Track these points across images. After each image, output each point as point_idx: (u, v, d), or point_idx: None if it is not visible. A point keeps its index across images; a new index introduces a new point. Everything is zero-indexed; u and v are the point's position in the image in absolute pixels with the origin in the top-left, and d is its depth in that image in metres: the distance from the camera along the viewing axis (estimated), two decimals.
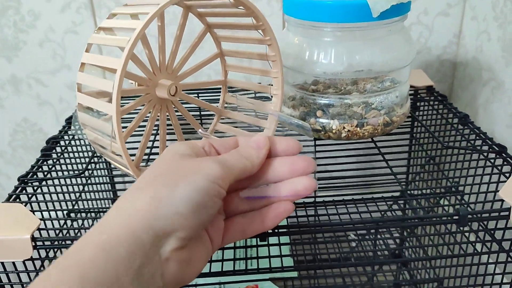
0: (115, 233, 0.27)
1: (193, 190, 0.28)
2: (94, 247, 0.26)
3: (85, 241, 0.27)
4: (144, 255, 0.27)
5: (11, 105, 0.75)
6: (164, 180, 0.29)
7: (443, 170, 0.52)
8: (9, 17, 0.69)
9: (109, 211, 0.29)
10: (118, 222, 0.27)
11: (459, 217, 0.40)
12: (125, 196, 0.30)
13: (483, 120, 0.67)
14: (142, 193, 0.29)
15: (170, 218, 0.28)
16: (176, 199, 0.28)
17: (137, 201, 0.28)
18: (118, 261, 0.26)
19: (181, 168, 0.30)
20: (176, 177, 0.29)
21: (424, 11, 0.72)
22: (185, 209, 0.28)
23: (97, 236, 0.27)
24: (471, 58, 0.71)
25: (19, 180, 0.47)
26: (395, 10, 0.46)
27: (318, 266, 0.43)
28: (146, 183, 0.30)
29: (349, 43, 0.48)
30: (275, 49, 0.45)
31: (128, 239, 0.26)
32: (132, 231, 0.27)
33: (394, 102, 0.51)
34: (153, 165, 0.32)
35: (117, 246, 0.26)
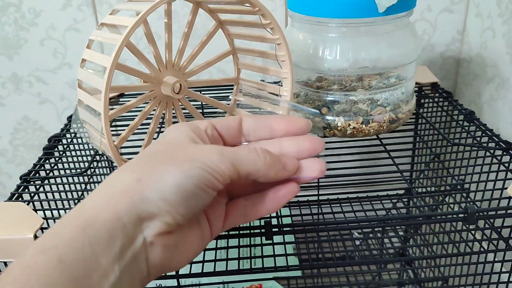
0: (96, 213, 0.25)
1: (184, 177, 0.27)
2: (74, 228, 0.25)
3: (65, 222, 0.26)
4: (126, 237, 0.25)
5: (12, 103, 0.74)
6: (155, 162, 0.28)
7: (448, 168, 0.52)
8: (9, 15, 0.68)
9: (95, 190, 0.27)
10: (100, 202, 0.26)
11: (467, 215, 0.40)
12: (113, 175, 0.28)
13: (488, 117, 0.66)
14: (129, 174, 0.27)
15: (156, 203, 0.26)
16: (163, 185, 0.26)
17: (122, 181, 0.27)
18: (97, 242, 0.24)
19: (177, 152, 0.28)
20: (169, 161, 0.27)
21: (428, 8, 0.72)
22: (173, 196, 0.26)
23: (77, 216, 0.26)
24: (475, 55, 0.70)
25: (21, 179, 0.47)
26: (401, 5, 0.45)
27: (322, 265, 0.43)
28: (136, 164, 0.28)
29: (355, 39, 0.48)
30: (284, 48, 0.44)
31: (109, 219, 0.25)
32: (114, 211, 0.25)
33: (400, 99, 0.50)
34: (151, 146, 0.30)
35: (97, 226, 0.25)
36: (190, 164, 0.27)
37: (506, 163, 0.48)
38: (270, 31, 0.44)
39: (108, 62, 0.35)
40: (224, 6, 0.44)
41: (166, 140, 0.30)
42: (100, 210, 0.25)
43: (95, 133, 0.40)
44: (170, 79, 0.42)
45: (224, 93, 0.66)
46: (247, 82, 0.50)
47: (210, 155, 0.28)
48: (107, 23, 0.41)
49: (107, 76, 0.35)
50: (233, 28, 0.48)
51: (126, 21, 0.36)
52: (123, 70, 0.39)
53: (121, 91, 0.42)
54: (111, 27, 0.42)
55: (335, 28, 0.47)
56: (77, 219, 0.25)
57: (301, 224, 0.40)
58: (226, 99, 0.51)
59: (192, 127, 0.31)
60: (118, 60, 0.36)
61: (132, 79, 0.73)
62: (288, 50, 0.44)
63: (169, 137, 0.30)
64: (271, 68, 0.48)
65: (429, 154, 0.56)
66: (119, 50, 0.35)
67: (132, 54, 0.39)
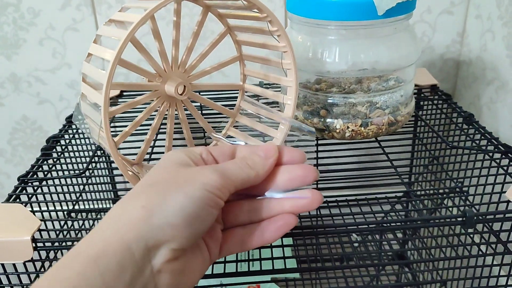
0: (106, 244, 0.26)
1: (186, 199, 0.27)
2: (84, 259, 0.25)
3: (75, 252, 0.26)
4: (136, 267, 0.26)
5: (10, 103, 0.74)
6: (158, 188, 0.28)
7: (447, 171, 0.52)
8: (8, 15, 0.68)
9: (101, 221, 0.28)
10: (109, 232, 0.26)
11: (466, 219, 0.40)
12: (118, 205, 0.29)
13: (487, 120, 0.66)
14: (134, 202, 0.28)
15: (162, 228, 0.27)
16: (168, 209, 0.27)
17: (128, 210, 0.27)
18: (108, 273, 0.25)
19: (176, 177, 0.29)
20: (170, 186, 0.28)
21: (428, 9, 0.71)
22: (178, 219, 0.27)
23: (88, 247, 0.26)
24: (475, 57, 0.70)
25: (19, 180, 0.47)
26: (401, 8, 0.45)
27: (320, 267, 0.43)
28: (139, 192, 0.29)
29: (354, 41, 0.48)
30: (290, 56, 0.43)
31: (119, 251, 0.26)
32: (123, 242, 0.26)
33: (399, 101, 0.50)
34: (149, 173, 0.31)
35: (107, 258, 0.25)
36: (191, 186, 0.28)
37: (504, 166, 0.48)
38: (277, 39, 0.43)
39: (112, 56, 0.35)
40: (233, 12, 0.44)
41: (163, 166, 0.31)
42: (109, 241, 0.26)
43: (96, 127, 0.39)
44: (175, 79, 0.41)
45: (226, 95, 0.65)
46: (251, 88, 0.50)
47: (206, 174, 0.29)
48: (115, 19, 0.41)
49: (110, 69, 0.34)
50: (241, 34, 0.48)
51: (133, 17, 0.36)
52: (128, 67, 0.39)
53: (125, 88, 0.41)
54: (119, 24, 0.41)
55: (335, 31, 0.47)
56: (88, 251, 0.26)
57: (300, 228, 0.40)
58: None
59: (187, 152, 0.32)
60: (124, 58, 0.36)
61: (132, 80, 0.73)
62: (294, 58, 0.43)
63: (165, 163, 0.31)
64: (276, 75, 0.47)
65: (428, 157, 0.55)
66: (123, 45, 0.35)
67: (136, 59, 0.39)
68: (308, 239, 0.68)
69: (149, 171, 0.31)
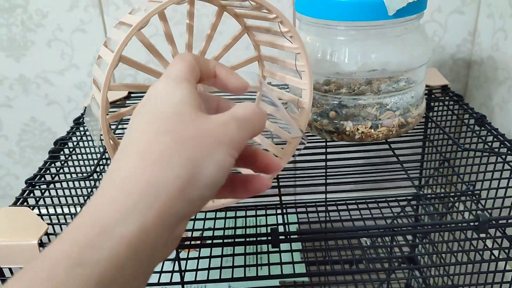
0: (142, 222, 0.22)
1: (218, 170, 0.24)
2: (117, 240, 0.21)
3: (102, 227, 0.22)
4: (164, 240, 0.23)
5: (19, 105, 0.74)
6: (187, 151, 0.24)
7: (458, 174, 0.51)
8: (16, 16, 0.68)
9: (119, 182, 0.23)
10: (145, 208, 0.22)
11: (479, 224, 0.39)
12: (137, 166, 0.23)
13: (499, 120, 0.65)
14: (166, 169, 0.23)
15: (194, 201, 0.24)
16: (202, 182, 0.24)
17: (162, 181, 0.23)
18: (142, 253, 0.22)
19: (201, 132, 0.25)
20: (200, 148, 0.24)
21: (438, 9, 0.70)
22: (210, 192, 0.24)
23: (119, 224, 0.22)
24: (487, 56, 0.69)
25: (26, 183, 0.47)
26: (412, 8, 0.45)
27: (330, 271, 0.42)
28: (163, 150, 0.24)
29: (364, 42, 0.47)
30: (304, 58, 0.42)
31: (154, 229, 0.22)
32: (160, 218, 0.22)
33: (410, 103, 0.49)
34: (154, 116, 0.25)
35: (143, 238, 0.22)
36: (220, 151, 0.25)
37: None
38: (290, 39, 0.41)
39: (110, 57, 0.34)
40: (248, 12, 0.43)
41: (172, 107, 0.25)
42: (145, 218, 0.22)
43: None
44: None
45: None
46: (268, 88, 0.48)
47: (233, 134, 0.25)
48: (125, 22, 0.40)
49: (109, 67, 0.34)
50: (258, 35, 0.47)
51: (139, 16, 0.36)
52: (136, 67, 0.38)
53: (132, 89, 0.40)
54: (128, 26, 0.41)
55: (344, 31, 0.47)
56: (121, 230, 0.22)
57: (308, 232, 0.39)
58: None
59: (188, 85, 0.26)
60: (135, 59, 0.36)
61: (140, 82, 0.73)
62: (307, 60, 0.42)
63: (174, 101, 0.26)
64: (292, 77, 0.45)
65: (438, 159, 0.55)
66: (124, 41, 0.34)
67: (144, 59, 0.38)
68: (317, 240, 0.67)
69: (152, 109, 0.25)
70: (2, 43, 0.70)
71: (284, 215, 0.44)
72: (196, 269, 0.44)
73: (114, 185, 0.23)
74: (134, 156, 0.24)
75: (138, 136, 0.25)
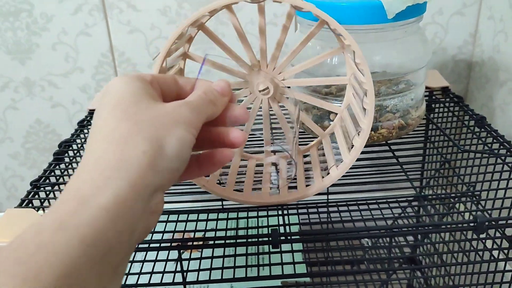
0: (117, 192, 0.24)
1: (180, 144, 0.27)
2: (95, 209, 0.24)
3: (80, 197, 0.24)
4: (141, 212, 0.26)
5: (24, 107, 0.75)
6: (149, 130, 0.27)
7: (458, 175, 0.51)
8: (22, 20, 0.69)
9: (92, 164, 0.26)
10: (119, 181, 0.25)
11: (477, 224, 0.39)
12: (105, 148, 0.26)
13: (500, 122, 0.65)
14: (132, 146, 0.26)
15: (163, 173, 0.27)
16: (167, 155, 0.27)
17: (130, 156, 0.26)
18: (121, 222, 0.24)
19: (158, 115, 0.28)
20: (159, 128, 0.27)
21: (439, 11, 0.71)
22: (176, 164, 0.27)
23: (96, 195, 0.24)
24: (488, 58, 0.69)
25: (31, 185, 0.47)
26: (411, 11, 0.45)
27: (331, 272, 0.42)
28: (125, 132, 0.26)
29: (364, 45, 0.47)
30: (370, 96, 0.39)
31: (130, 199, 0.25)
32: (134, 189, 0.25)
33: (410, 105, 0.50)
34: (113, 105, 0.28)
35: (120, 207, 0.24)
36: (178, 128, 0.28)
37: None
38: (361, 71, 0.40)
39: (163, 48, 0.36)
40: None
41: (128, 95, 0.28)
42: (120, 189, 0.25)
43: None
44: (260, 77, 0.41)
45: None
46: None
47: (186, 114, 0.29)
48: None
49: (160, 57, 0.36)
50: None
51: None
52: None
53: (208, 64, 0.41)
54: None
55: None
56: (98, 199, 0.24)
57: (310, 233, 0.40)
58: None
59: (142, 81, 0.30)
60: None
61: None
62: (373, 99, 0.39)
63: (129, 91, 0.28)
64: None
65: (439, 160, 0.55)
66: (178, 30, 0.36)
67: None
68: (318, 242, 0.67)
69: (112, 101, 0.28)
70: (7, 46, 0.71)
71: (286, 216, 0.45)
72: (198, 270, 0.44)
73: (88, 166, 0.26)
74: (102, 141, 0.27)
75: (103, 124, 0.27)
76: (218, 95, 0.33)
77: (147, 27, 0.70)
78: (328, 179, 0.42)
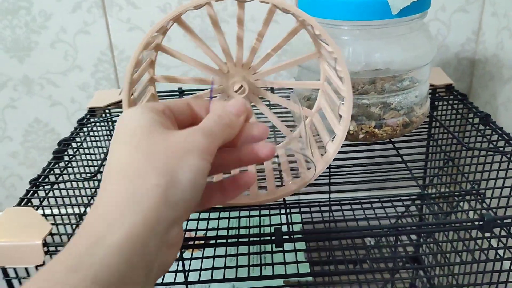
0: (129, 229, 0.24)
1: (193, 173, 0.27)
2: (108, 247, 0.23)
3: (92, 237, 0.24)
4: (158, 247, 0.25)
5: (23, 106, 0.74)
6: (160, 161, 0.26)
7: (463, 173, 0.51)
8: (20, 18, 0.68)
9: (105, 203, 0.25)
10: (131, 218, 0.24)
11: (484, 223, 0.39)
12: (123, 183, 0.26)
13: (504, 120, 0.65)
14: (144, 180, 0.26)
15: (178, 205, 0.26)
16: (181, 185, 0.26)
17: (142, 190, 0.25)
18: (134, 259, 0.24)
19: (170, 145, 0.27)
20: (171, 158, 0.26)
21: (442, 8, 0.70)
22: (190, 194, 0.27)
23: (109, 232, 0.24)
24: (491, 55, 0.68)
25: (30, 183, 0.47)
26: (415, 7, 0.44)
27: (334, 271, 0.42)
28: (137, 167, 0.26)
29: (368, 41, 0.47)
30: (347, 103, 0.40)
31: (143, 235, 0.24)
32: (147, 225, 0.24)
33: (414, 102, 0.49)
34: (126, 140, 0.27)
35: (133, 244, 0.24)
36: (191, 156, 0.27)
37: None
38: (326, 42, 0.39)
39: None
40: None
41: (142, 130, 0.28)
42: (133, 226, 0.24)
43: None
44: (235, 76, 0.40)
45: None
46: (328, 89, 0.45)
47: (199, 140, 0.28)
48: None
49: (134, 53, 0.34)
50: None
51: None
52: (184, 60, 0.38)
53: (172, 81, 0.40)
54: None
55: (348, 31, 0.46)
56: (110, 237, 0.24)
57: (312, 232, 0.39)
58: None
59: (154, 110, 0.29)
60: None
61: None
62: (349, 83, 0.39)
63: (141, 125, 0.28)
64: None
65: (443, 158, 0.54)
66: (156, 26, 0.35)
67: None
68: (321, 241, 0.67)
69: (124, 136, 0.28)
70: (6, 44, 0.70)
71: (288, 214, 0.44)
72: (200, 269, 0.44)
73: (102, 202, 0.26)
74: (115, 176, 0.26)
75: (117, 158, 0.27)
76: (234, 117, 0.31)
77: (147, 25, 0.70)
78: (326, 156, 0.42)
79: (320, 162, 0.42)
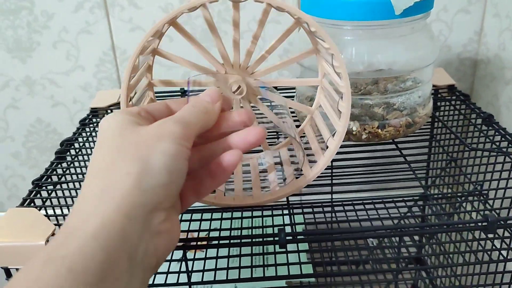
0: (103, 218, 0.25)
1: (166, 157, 0.27)
2: (82, 236, 0.24)
3: (68, 230, 0.25)
4: (136, 235, 0.25)
5: (25, 106, 0.74)
6: (131, 152, 0.27)
7: (466, 173, 0.50)
8: (22, 18, 0.68)
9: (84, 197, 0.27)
10: (104, 206, 0.25)
11: (488, 224, 0.39)
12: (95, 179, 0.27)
13: (506, 120, 0.65)
14: (115, 171, 0.27)
15: (154, 190, 0.27)
16: (153, 171, 0.27)
17: (115, 180, 0.26)
18: (111, 247, 0.24)
19: (141, 137, 0.28)
20: (142, 147, 0.27)
21: (444, 8, 0.70)
22: (167, 178, 0.27)
23: (83, 223, 0.25)
24: (493, 56, 0.68)
25: (33, 184, 0.47)
26: (419, 7, 0.44)
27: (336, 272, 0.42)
28: (113, 161, 0.27)
29: (371, 41, 0.47)
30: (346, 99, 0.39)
31: (118, 222, 0.25)
32: (121, 212, 0.25)
33: (417, 103, 0.49)
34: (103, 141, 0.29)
35: (107, 231, 0.24)
36: (163, 143, 0.28)
37: None
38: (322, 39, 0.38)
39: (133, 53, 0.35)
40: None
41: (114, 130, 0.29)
42: (106, 214, 0.25)
43: None
44: (232, 77, 0.40)
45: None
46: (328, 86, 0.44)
47: (170, 128, 0.29)
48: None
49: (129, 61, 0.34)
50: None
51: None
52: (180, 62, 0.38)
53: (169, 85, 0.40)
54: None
55: (351, 31, 0.46)
56: (84, 227, 0.25)
57: (315, 232, 0.39)
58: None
59: (128, 113, 0.30)
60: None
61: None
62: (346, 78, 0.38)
63: (113, 128, 0.29)
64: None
65: (446, 159, 0.54)
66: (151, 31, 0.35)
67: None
68: (323, 242, 0.67)
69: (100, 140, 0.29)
70: (8, 44, 0.70)
71: (291, 215, 0.44)
72: (203, 270, 0.44)
73: (80, 199, 0.27)
74: (91, 177, 0.28)
75: (94, 160, 0.29)
76: (207, 104, 0.33)
77: (149, 25, 0.70)
78: (328, 152, 0.41)
79: (322, 158, 0.41)
